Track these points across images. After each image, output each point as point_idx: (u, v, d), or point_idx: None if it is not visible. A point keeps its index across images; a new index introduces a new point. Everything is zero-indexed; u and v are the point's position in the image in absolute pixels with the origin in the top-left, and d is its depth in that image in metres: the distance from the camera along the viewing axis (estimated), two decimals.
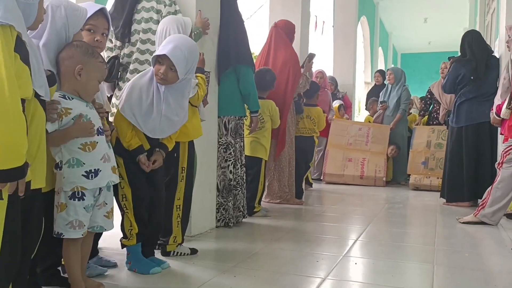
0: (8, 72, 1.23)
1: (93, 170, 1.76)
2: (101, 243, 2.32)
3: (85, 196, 1.75)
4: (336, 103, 6.81)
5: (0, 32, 1.24)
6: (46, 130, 1.61)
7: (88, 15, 1.89)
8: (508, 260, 2.58)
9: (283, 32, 4.23)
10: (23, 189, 1.32)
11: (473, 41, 4.37)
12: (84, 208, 1.76)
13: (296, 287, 2.03)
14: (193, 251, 2.51)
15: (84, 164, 1.74)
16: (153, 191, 2.24)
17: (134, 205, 2.16)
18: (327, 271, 2.27)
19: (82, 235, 1.77)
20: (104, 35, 2.02)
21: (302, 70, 4.35)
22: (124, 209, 2.17)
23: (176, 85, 2.17)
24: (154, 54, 2.17)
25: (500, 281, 2.21)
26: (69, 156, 1.73)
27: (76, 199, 1.74)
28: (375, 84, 7.60)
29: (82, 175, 1.74)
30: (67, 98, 1.74)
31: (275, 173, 4.26)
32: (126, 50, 2.73)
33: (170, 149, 2.28)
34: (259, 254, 2.60)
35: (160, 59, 2.13)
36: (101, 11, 1.99)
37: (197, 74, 2.52)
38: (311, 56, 4.54)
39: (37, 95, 1.47)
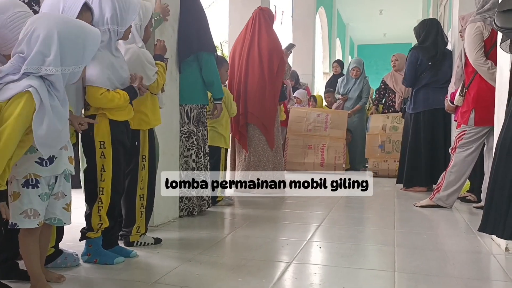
0: None
1: (48, 157, 1.69)
2: None
3: (39, 183, 1.67)
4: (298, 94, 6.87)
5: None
6: None
7: (76, 14, 1.82)
8: (463, 240, 2.69)
9: (268, 18, 4.22)
10: None
11: (439, 31, 4.48)
12: (39, 196, 1.68)
13: (262, 272, 2.04)
14: (157, 241, 2.47)
15: (37, 150, 1.63)
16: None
17: (112, 200, 2.10)
18: (292, 255, 2.29)
19: (38, 224, 1.69)
20: None
21: None
22: (99, 203, 2.07)
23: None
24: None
25: (457, 259, 2.31)
26: None
27: (30, 187, 1.66)
28: (333, 74, 7.71)
29: (36, 161, 1.66)
30: None
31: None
32: None
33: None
34: (224, 241, 2.60)
35: None
36: (85, 5, 1.88)
37: (158, 62, 2.46)
38: (290, 46, 4.56)
39: None
